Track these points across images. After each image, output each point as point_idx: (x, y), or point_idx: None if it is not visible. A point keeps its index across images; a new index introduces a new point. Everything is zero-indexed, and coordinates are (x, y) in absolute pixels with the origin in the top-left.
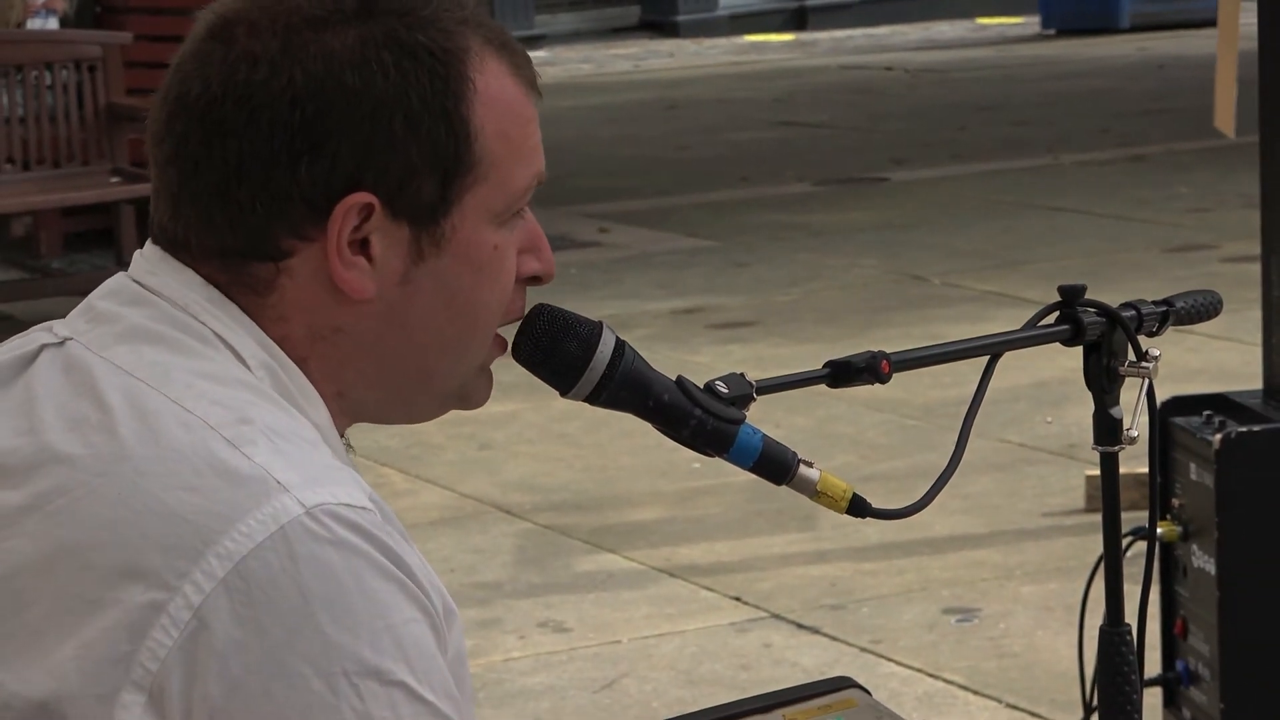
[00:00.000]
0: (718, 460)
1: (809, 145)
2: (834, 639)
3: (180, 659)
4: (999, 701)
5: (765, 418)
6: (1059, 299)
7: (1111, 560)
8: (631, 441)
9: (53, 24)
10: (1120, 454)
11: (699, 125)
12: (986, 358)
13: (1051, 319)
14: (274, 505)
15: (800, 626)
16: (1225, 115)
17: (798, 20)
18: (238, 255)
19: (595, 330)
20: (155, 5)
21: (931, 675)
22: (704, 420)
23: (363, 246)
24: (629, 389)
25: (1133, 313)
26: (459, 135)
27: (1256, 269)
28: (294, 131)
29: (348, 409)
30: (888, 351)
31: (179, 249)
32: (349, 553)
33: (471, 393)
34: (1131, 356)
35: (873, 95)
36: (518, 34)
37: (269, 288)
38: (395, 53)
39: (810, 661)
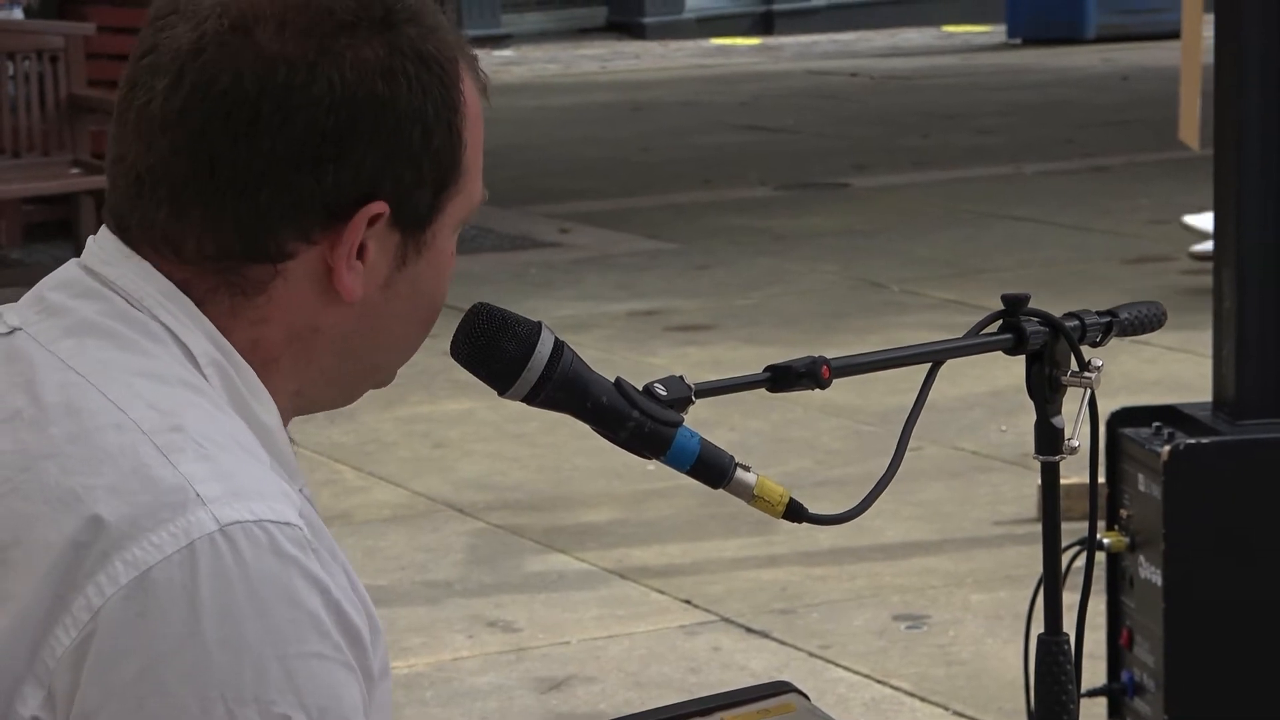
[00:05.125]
0: None
1: (772, 149)
2: (783, 643)
3: (72, 659)
4: (946, 709)
5: (721, 421)
6: (1002, 307)
7: (1050, 569)
8: (586, 442)
9: (17, 15)
10: (1073, 464)
11: (663, 127)
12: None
13: (994, 327)
14: (188, 519)
15: (750, 630)
16: (1190, 128)
17: (764, 24)
18: (236, 256)
19: (534, 330)
20: None
21: (879, 681)
22: (641, 422)
23: (360, 251)
24: (566, 390)
25: (1076, 323)
26: (455, 147)
27: None
28: (324, 137)
29: (301, 404)
30: (829, 357)
31: (163, 246)
32: (255, 576)
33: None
34: (1074, 366)
35: (837, 101)
36: (485, 33)
37: (260, 289)
38: (415, 64)
39: (759, 665)
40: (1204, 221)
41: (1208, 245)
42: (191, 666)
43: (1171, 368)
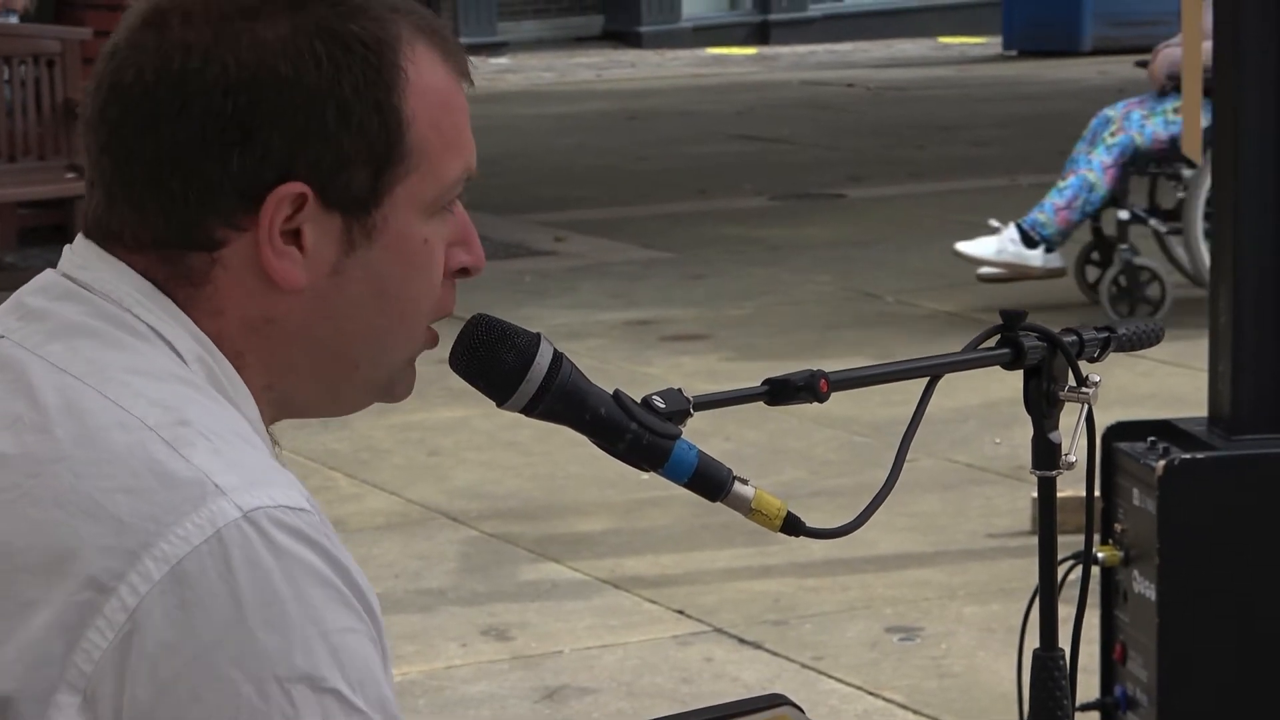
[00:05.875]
0: None
1: (768, 159)
2: (776, 654)
3: (113, 661)
4: None
5: (716, 431)
6: (999, 321)
7: (1046, 584)
8: (580, 451)
9: (13, 20)
10: (1069, 476)
11: (659, 136)
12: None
13: (992, 342)
14: (211, 509)
15: (742, 641)
16: (1193, 142)
17: (760, 34)
18: (173, 246)
19: (533, 341)
20: (114, 1)
21: (872, 693)
22: (640, 435)
23: (295, 236)
24: (565, 402)
25: (1074, 338)
26: (390, 126)
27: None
28: (226, 121)
29: (275, 401)
30: (828, 370)
31: (114, 241)
32: (285, 558)
33: (396, 385)
34: (1072, 381)
35: (833, 111)
36: (481, 41)
37: (204, 279)
38: (328, 43)
39: (751, 677)
40: (975, 248)
41: (990, 269)
42: (241, 652)
43: (1166, 381)
